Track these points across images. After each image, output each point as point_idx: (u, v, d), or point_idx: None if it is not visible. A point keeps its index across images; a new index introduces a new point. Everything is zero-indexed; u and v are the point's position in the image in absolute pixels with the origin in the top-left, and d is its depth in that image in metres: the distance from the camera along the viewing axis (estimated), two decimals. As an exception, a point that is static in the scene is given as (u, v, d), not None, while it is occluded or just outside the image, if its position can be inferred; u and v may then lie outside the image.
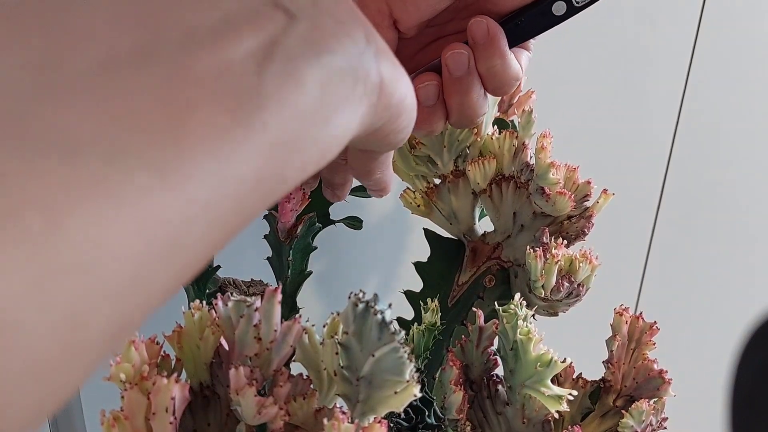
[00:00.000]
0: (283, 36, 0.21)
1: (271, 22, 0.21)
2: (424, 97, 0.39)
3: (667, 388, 0.47)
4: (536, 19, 0.40)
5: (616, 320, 0.48)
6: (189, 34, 0.19)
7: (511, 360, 0.43)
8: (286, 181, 0.21)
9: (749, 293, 0.99)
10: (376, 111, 0.26)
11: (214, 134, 0.18)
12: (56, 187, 0.15)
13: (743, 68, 0.85)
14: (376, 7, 0.39)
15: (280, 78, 0.20)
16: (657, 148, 0.86)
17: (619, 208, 0.57)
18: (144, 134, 0.17)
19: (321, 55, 0.22)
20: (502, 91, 0.40)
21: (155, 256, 0.17)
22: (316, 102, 0.21)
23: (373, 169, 0.37)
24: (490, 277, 0.55)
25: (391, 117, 0.27)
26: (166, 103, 0.18)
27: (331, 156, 0.24)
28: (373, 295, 0.30)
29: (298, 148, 0.21)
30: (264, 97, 0.20)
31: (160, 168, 0.17)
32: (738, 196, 0.93)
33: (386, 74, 0.26)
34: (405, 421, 0.45)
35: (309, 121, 0.21)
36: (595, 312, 0.57)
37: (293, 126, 0.21)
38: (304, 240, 0.51)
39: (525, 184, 0.52)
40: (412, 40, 0.41)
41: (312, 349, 0.34)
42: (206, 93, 0.18)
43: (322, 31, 0.22)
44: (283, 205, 0.43)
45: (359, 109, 0.24)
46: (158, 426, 0.31)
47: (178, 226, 0.17)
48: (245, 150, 0.19)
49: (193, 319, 0.35)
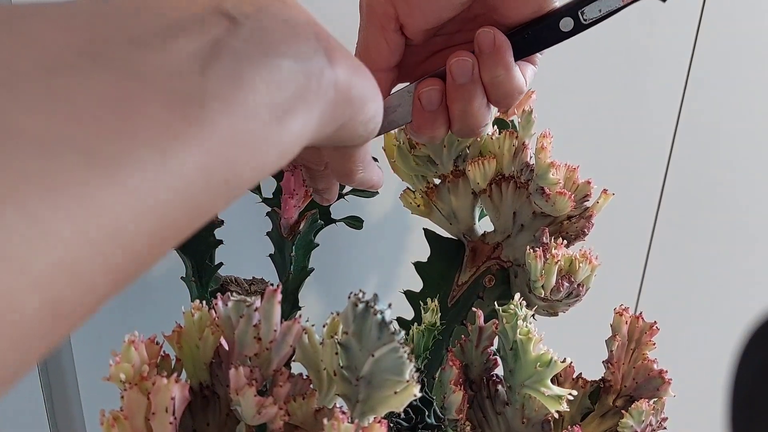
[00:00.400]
0: (228, 38, 0.22)
1: (215, 26, 0.22)
2: (427, 101, 0.40)
3: (667, 388, 0.47)
4: (543, 33, 0.40)
5: (616, 320, 0.48)
6: (135, 39, 0.20)
7: (510, 360, 0.43)
8: (241, 178, 0.22)
9: (749, 293, 0.99)
10: (335, 107, 0.26)
11: (157, 129, 0.19)
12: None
13: (743, 68, 0.85)
14: (383, 11, 0.39)
15: (226, 77, 0.21)
16: (657, 148, 0.86)
17: (619, 208, 0.57)
18: (86, 128, 0.18)
19: (268, 56, 0.23)
20: (505, 102, 0.40)
21: (93, 246, 0.17)
22: (266, 101, 0.22)
23: (353, 169, 0.37)
24: (490, 277, 0.55)
25: (355, 110, 0.28)
26: (110, 100, 0.18)
27: (292, 154, 0.24)
28: (373, 295, 0.30)
29: (251, 147, 0.22)
30: (209, 95, 0.20)
31: (101, 160, 0.17)
32: (738, 196, 0.93)
33: (341, 70, 0.26)
34: (405, 421, 0.45)
35: (260, 120, 0.22)
36: (595, 312, 0.57)
37: (243, 124, 0.21)
38: (307, 237, 0.51)
39: (525, 184, 0.52)
40: (420, 47, 0.41)
41: (312, 349, 0.34)
42: (150, 91, 0.19)
43: (268, 33, 0.23)
44: (286, 201, 0.44)
45: (315, 107, 0.25)
46: (158, 426, 0.31)
47: (118, 218, 0.18)
48: (189, 145, 0.20)
49: (192, 319, 0.35)
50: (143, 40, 0.20)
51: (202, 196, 0.20)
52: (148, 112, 0.19)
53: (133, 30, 0.20)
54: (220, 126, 0.20)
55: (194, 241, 0.53)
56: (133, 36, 0.20)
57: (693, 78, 0.83)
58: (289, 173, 0.42)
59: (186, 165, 0.20)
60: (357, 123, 0.29)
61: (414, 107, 0.41)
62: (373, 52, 0.40)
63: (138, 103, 0.19)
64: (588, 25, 0.40)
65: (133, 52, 0.20)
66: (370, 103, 0.29)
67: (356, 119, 0.29)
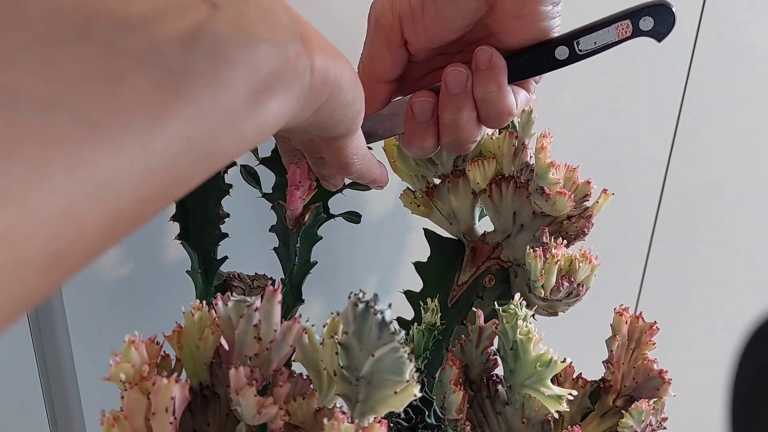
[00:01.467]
0: (209, 22, 0.24)
1: (197, 11, 0.24)
2: (419, 111, 0.42)
3: (667, 388, 0.47)
4: (538, 59, 0.42)
5: (616, 320, 0.48)
6: (120, 21, 0.22)
7: (510, 360, 0.43)
8: (223, 150, 0.24)
9: (749, 293, 0.99)
10: (312, 88, 0.28)
11: (145, 98, 0.21)
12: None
13: (743, 69, 0.85)
14: (390, 25, 0.41)
15: (207, 57, 0.23)
16: (657, 148, 0.86)
17: (619, 208, 0.57)
18: (78, 93, 0.19)
19: (248, 39, 0.25)
20: (494, 121, 0.43)
21: (85, 196, 0.19)
22: (245, 79, 0.24)
23: (348, 161, 0.38)
24: (490, 277, 0.55)
25: (332, 93, 0.30)
26: (99, 71, 0.20)
27: (270, 131, 0.26)
28: (373, 295, 0.30)
29: (232, 121, 0.24)
30: (192, 72, 0.22)
31: (92, 121, 0.19)
32: (738, 197, 0.93)
33: (317, 54, 0.28)
34: (405, 421, 0.45)
35: (239, 97, 0.24)
36: (595, 312, 0.57)
37: (224, 99, 0.23)
38: (311, 229, 0.51)
39: (525, 184, 0.52)
40: (422, 64, 0.43)
41: (312, 349, 0.34)
42: (137, 65, 0.21)
43: (248, 18, 0.25)
44: (292, 193, 0.44)
45: (293, 88, 0.27)
46: (158, 426, 0.31)
47: (110, 174, 0.20)
48: (176, 115, 0.22)
49: (193, 319, 0.35)
50: (128, 22, 0.22)
51: (187, 164, 0.22)
52: (136, 83, 0.21)
53: (118, 13, 0.22)
54: (203, 100, 0.22)
55: (200, 233, 0.54)
56: (119, 18, 0.22)
57: (693, 78, 0.83)
58: (295, 165, 0.42)
59: (174, 134, 0.21)
60: (335, 107, 0.31)
61: (406, 116, 0.43)
62: (377, 63, 0.42)
63: (126, 74, 0.21)
64: (583, 56, 0.41)
65: (118, 31, 0.21)
66: (347, 87, 0.31)
67: (334, 102, 0.31)
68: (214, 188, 0.52)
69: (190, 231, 0.53)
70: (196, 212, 0.53)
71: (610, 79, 0.79)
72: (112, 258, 0.63)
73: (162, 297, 0.65)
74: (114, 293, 0.64)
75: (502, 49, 0.41)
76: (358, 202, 0.66)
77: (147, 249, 0.64)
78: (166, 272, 0.65)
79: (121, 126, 0.20)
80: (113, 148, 0.20)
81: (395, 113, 0.43)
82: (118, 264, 0.63)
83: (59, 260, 0.19)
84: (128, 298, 0.65)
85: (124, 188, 0.20)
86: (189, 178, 0.23)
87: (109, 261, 0.63)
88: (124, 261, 0.64)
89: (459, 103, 0.41)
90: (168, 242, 0.64)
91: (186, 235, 0.53)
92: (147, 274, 0.65)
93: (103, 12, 0.21)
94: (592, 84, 0.78)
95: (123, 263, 0.64)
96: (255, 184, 0.55)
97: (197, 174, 0.23)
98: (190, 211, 0.53)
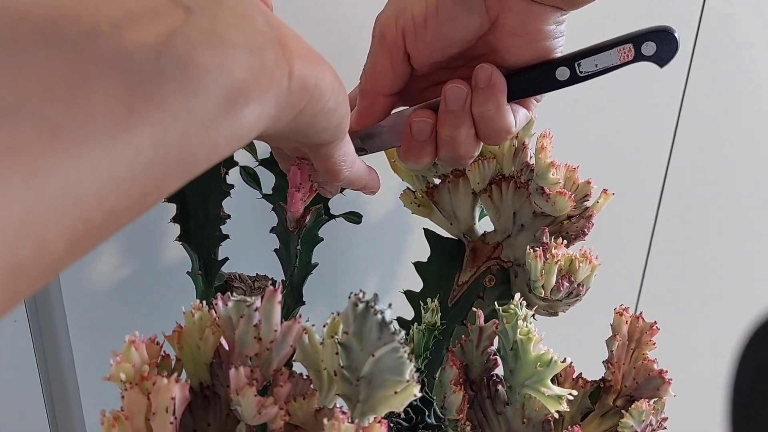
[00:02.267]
0: (182, 27, 0.23)
1: (170, 16, 0.23)
2: (417, 131, 0.42)
3: (667, 388, 0.47)
4: (539, 79, 0.42)
5: (616, 320, 0.48)
6: (89, 27, 0.21)
7: (511, 360, 0.43)
8: (195, 157, 0.23)
9: (749, 293, 0.99)
10: (291, 93, 0.27)
11: (112, 103, 0.20)
12: None
13: (743, 69, 0.85)
14: (393, 40, 0.41)
15: (180, 62, 0.22)
16: (657, 148, 0.86)
17: (619, 208, 0.57)
18: (40, 98, 0.19)
19: (222, 43, 0.24)
20: (492, 139, 0.43)
21: (45, 206, 0.18)
22: (219, 84, 0.23)
23: (336, 168, 0.38)
24: (490, 277, 0.55)
25: (311, 98, 0.29)
26: (64, 76, 0.19)
27: (248, 137, 0.25)
28: (373, 295, 0.30)
29: (205, 127, 0.23)
30: (162, 77, 0.21)
31: (53, 127, 0.18)
32: (738, 196, 0.93)
33: (296, 59, 0.27)
34: (405, 421, 0.45)
35: (213, 102, 0.23)
36: (595, 312, 0.57)
37: (196, 104, 0.22)
38: (312, 231, 0.51)
39: (525, 184, 0.52)
40: (424, 77, 0.43)
41: (312, 349, 0.34)
42: (104, 70, 0.20)
43: (222, 22, 0.24)
44: (292, 195, 0.44)
45: (270, 94, 0.26)
46: (158, 426, 0.31)
47: (73, 183, 0.19)
48: (145, 120, 0.21)
49: (193, 319, 0.35)
50: (97, 28, 0.21)
51: (158, 171, 0.21)
52: (102, 87, 0.20)
53: (87, 19, 0.21)
54: (175, 105, 0.22)
55: (201, 235, 0.53)
56: (88, 24, 0.21)
57: (693, 78, 0.83)
58: (296, 167, 0.42)
59: (141, 139, 0.21)
60: (316, 113, 0.30)
61: (404, 134, 0.43)
62: (380, 76, 0.42)
63: (91, 79, 0.20)
64: (584, 77, 0.42)
65: (87, 37, 0.21)
66: (328, 93, 0.30)
67: (314, 108, 0.30)
68: (214, 190, 0.52)
69: (190, 233, 0.53)
70: (196, 214, 0.53)
71: (611, 79, 0.78)
72: (113, 258, 0.63)
73: (162, 297, 0.65)
74: (114, 293, 0.64)
75: (504, 66, 0.41)
76: (359, 203, 0.66)
77: (148, 249, 0.64)
78: (166, 272, 0.65)
79: (83, 131, 0.19)
80: (75, 154, 0.19)
81: (395, 125, 0.43)
82: (119, 265, 0.64)
83: (19, 273, 0.18)
84: (128, 299, 0.65)
85: (88, 197, 0.19)
86: (159, 187, 0.22)
87: (110, 261, 0.63)
88: (124, 261, 0.64)
89: (457, 120, 0.41)
90: (169, 243, 0.64)
91: (187, 237, 0.53)
92: (147, 274, 0.65)
93: (72, 19, 0.21)
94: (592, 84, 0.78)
95: (123, 263, 0.64)
96: (255, 185, 0.55)
97: (168, 182, 0.22)
98: (191, 213, 0.53)
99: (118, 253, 0.63)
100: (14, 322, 0.60)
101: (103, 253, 0.63)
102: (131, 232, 0.62)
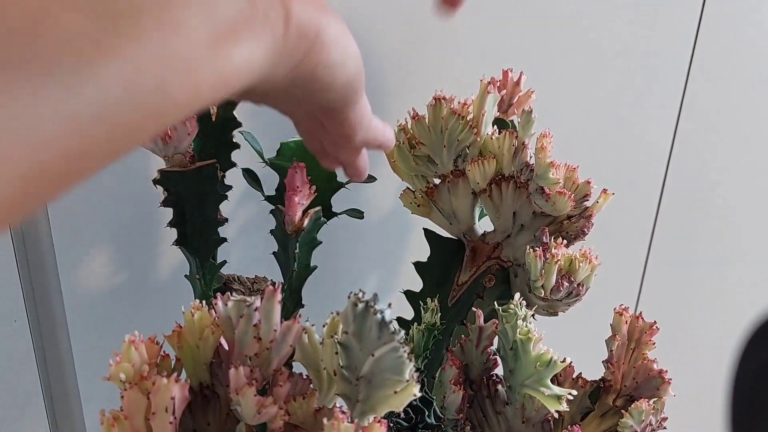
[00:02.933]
0: None
1: None
2: None
3: (667, 388, 0.47)
4: None
5: (616, 320, 0.48)
6: None
7: (510, 360, 0.43)
8: (174, 100, 0.21)
9: (749, 293, 0.99)
10: (287, 39, 0.26)
11: (73, 37, 0.18)
12: None
13: (743, 69, 0.85)
14: None
15: None
16: (657, 148, 0.86)
17: (619, 208, 0.57)
18: None
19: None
20: None
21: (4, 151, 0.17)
22: (202, 21, 0.22)
23: (349, 133, 0.35)
24: (490, 277, 0.55)
25: (312, 48, 0.27)
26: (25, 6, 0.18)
27: (236, 83, 0.24)
28: (372, 294, 0.30)
29: (185, 68, 0.21)
30: (138, 12, 0.20)
31: (10, 62, 0.17)
32: (737, 197, 0.93)
33: (295, 4, 0.26)
34: (405, 421, 0.45)
35: (195, 41, 0.21)
36: (595, 312, 0.57)
37: (176, 42, 0.21)
38: (310, 234, 0.51)
39: (525, 184, 0.51)
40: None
41: (312, 349, 0.34)
42: (70, 3, 0.19)
43: None
44: (290, 198, 0.44)
45: (263, 38, 0.24)
46: (158, 426, 0.31)
47: (22, 119, 0.17)
48: (117, 58, 0.19)
49: (192, 319, 0.35)
50: None
51: (130, 114, 0.20)
52: (66, 20, 0.19)
53: None
54: (151, 42, 0.20)
55: (198, 239, 0.53)
56: None
57: (693, 78, 0.83)
58: (293, 170, 0.42)
59: (108, 77, 0.19)
60: (316, 65, 0.28)
61: None
62: None
63: (56, 11, 0.18)
64: None
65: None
66: (332, 45, 0.28)
67: (314, 60, 0.28)
68: (211, 193, 0.52)
69: (188, 237, 0.53)
70: (194, 217, 0.52)
71: (611, 79, 0.79)
72: (113, 258, 0.63)
73: (162, 297, 0.65)
74: (114, 294, 0.64)
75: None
76: (359, 203, 0.66)
77: (147, 249, 0.64)
78: (166, 272, 0.65)
79: (42, 66, 0.18)
80: (31, 91, 0.17)
81: None
82: (119, 265, 0.64)
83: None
84: (128, 299, 0.65)
85: (47, 138, 0.18)
86: (133, 132, 0.20)
87: (110, 261, 0.63)
88: (124, 261, 0.64)
89: None
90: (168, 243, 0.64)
91: (184, 241, 0.53)
92: (148, 274, 0.65)
93: None
94: (592, 84, 0.78)
95: (123, 263, 0.64)
96: (257, 187, 0.54)
97: (143, 128, 0.21)
98: (188, 217, 0.52)
99: (119, 253, 0.63)
100: (14, 322, 0.60)
101: (103, 253, 0.63)
102: (131, 232, 0.62)
